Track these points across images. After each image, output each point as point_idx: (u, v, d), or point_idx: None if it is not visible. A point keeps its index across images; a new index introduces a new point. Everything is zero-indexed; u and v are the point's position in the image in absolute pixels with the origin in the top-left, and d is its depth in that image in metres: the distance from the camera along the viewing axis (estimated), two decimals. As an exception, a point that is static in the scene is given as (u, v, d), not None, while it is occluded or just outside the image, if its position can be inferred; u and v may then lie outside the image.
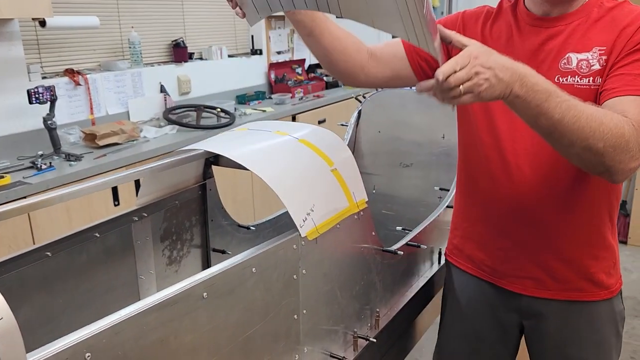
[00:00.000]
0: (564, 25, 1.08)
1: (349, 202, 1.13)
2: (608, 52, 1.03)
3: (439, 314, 1.93)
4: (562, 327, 1.23)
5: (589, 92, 1.04)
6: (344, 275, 1.14)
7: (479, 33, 1.18)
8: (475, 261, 1.31)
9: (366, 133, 2.19)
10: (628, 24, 1.03)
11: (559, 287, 1.20)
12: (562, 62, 1.07)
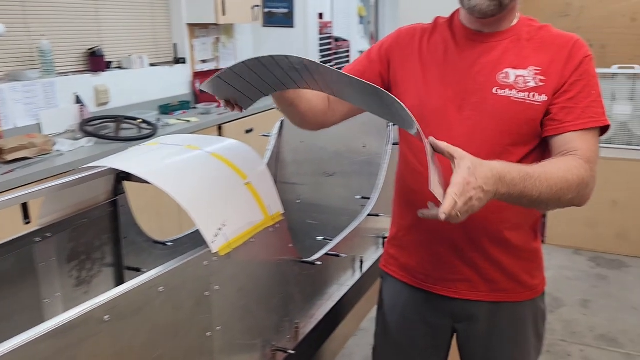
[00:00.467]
0: (497, 41, 1.16)
1: (264, 215, 1.13)
2: (543, 72, 1.13)
3: (362, 322, 1.96)
4: (490, 328, 1.28)
5: (524, 105, 1.12)
6: (260, 289, 1.13)
7: (416, 49, 1.23)
8: (409, 269, 1.33)
9: (289, 143, 2.20)
10: (562, 47, 1.14)
11: (489, 288, 1.24)
12: (500, 76, 1.14)
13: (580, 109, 1.11)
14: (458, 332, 1.32)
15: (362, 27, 6.50)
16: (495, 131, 1.13)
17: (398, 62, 1.26)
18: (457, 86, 1.17)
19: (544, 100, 1.12)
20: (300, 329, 1.28)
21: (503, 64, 1.15)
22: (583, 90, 1.12)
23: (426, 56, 1.22)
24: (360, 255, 1.69)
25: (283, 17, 4.68)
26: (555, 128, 1.11)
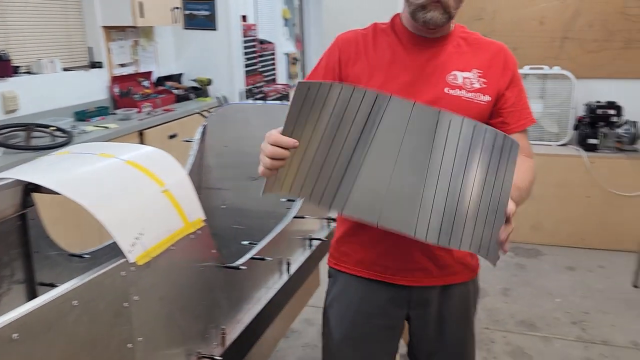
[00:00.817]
0: (441, 46, 1.30)
1: (184, 222, 1.11)
2: (484, 75, 1.29)
3: (292, 323, 1.97)
4: (441, 309, 1.38)
5: (473, 104, 1.28)
6: (183, 297, 1.11)
7: (362, 53, 1.31)
8: (365, 263, 1.37)
9: (213, 148, 2.17)
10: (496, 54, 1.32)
11: (442, 274, 1.35)
12: (449, 77, 1.28)
13: (518, 112, 1.33)
14: (411, 318, 1.40)
15: (287, 29, 6.52)
16: None
17: (349, 68, 1.31)
18: (410, 87, 1.27)
19: (488, 100, 1.29)
20: (227, 334, 1.27)
21: (450, 67, 1.29)
22: (519, 94, 1.33)
23: (374, 59, 1.30)
24: (287, 257, 1.70)
25: (205, 19, 4.61)
26: (504, 130, 1.27)
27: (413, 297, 1.37)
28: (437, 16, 1.21)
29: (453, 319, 1.40)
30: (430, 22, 1.21)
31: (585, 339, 2.75)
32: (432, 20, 1.21)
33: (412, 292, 1.36)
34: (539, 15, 4.03)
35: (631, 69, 3.94)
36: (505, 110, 1.31)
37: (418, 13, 1.22)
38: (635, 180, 3.62)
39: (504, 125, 1.32)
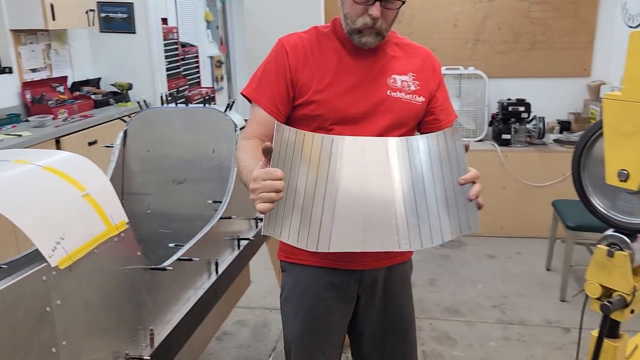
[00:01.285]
0: (381, 51, 1.40)
1: (107, 226, 1.10)
2: (418, 78, 1.43)
3: (222, 324, 1.98)
4: (387, 287, 1.51)
5: (411, 105, 1.41)
6: (109, 299, 1.10)
7: (309, 59, 1.38)
8: (319, 254, 1.39)
9: (135, 153, 2.14)
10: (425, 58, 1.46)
11: (388, 256, 1.47)
12: (390, 81, 1.39)
13: (447, 109, 1.49)
14: (360, 296, 1.50)
15: (210, 32, 6.45)
16: (389, 123, 1.38)
17: (298, 72, 1.37)
18: (357, 90, 1.37)
19: (422, 101, 1.43)
20: (156, 335, 1.27)
21: (390, 71, 1.40)
22: (444, 94, 1.49)
23: (321, 63, 1.38)
24: (215, 258, 1.71)
25: (122, 22, 4.48)
26: (437, 126, 1.45)
27: (364, 279, 1.48)
28: (372, 40, 1.33)
29: (396, 293, 1.53)
30: (365, 45, 1.34)
31: (504, 320, 2.93)
32: (367, 43, 1.34)
33: (362, 274, 1.47)
34: (452, 19, 4.24)
35: (537, 69, 4.23)
36: (437, 109, 1.46)
37: (354, 35, 1.34)
38: (545, 172, 3.89)
39: (437, 121, 1.47)
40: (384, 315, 1.54)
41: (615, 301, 0.91)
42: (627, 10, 3.78)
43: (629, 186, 0.89)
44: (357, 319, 1.55)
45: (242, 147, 1.34)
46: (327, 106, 1.36)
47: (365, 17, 1.30)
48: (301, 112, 1.39)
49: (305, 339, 1.49)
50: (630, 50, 0.85)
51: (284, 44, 1.40)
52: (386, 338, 1.56)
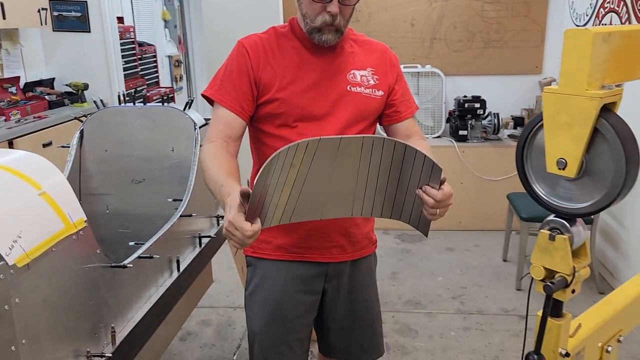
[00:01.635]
0: (339, 48, 1.44)
1: (65, 224, 1.10)
2: (376, 73, 1.47)
3: (185, 322, 1.98)
4: (352, 280, 1.56)
5: (371, 99, 1.45)
6: (69, 297, 1.10)
7: (269, 58, 1.40)
8: (286, 248, 1.48)
9: (92, 153, 2.11)
10: (383, 53, 1.50)
11: (353, 249, 1.52)
12: (349, 76, 1.43)
13: (407, 101, 1.53)
14: (326, 290, 1.54)
15: (167, 31, 6.37)
16: (350, 117, 1.42)
17: (260, 71, 1.39)
18: (318, 87, 1.39)
19: (382, 94, 1.46)
20: (117, 333, 1.27)
21: (349, 66, 1.44)
22: (405, 87, 1.54)
23: (281, 62, 1.40)
24: (177, 255, 1.71)
25: (76, 21, 4.39)
26: (398, 117, 1.51)
27: (329, 272, 1.51)
28: (331, 38, 1.37)
29: (362, 286, 1.58)
30: (325, 43, 1.37)
31: (463, 310, 3.02)
32: (327, 41, 1.37)
33: (328, 267, 1.51)
34: (409, 18, 4.32)
35: (491, 66, 4.36)
36: (397, 101, 1.51)
37: (314, 34, 1.37)
38: (500, 166, 4.01)
39: (398, 113, 1.52)
40: (350, 308, 1.58)
41: (557, 282, 0.97)
42: (574, 10, 3.94)
43: (566, 174, 0.95)
44: (323, 312, 1.58)
45: (207, 151, 1.33)
46: (290, 103, 1.39)
47: (324, 14, 1.33)
48: (265, 110, 1.41)
49: (271, 332, 1.52)
50: (565, 47, 0.90)
51: (244, 44, 1.42)
52: (353, 330, 1.60)
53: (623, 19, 3.14)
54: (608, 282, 3.29)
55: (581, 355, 1.12)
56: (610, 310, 1.21)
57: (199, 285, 1.96)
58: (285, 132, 1.41)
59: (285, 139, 1.40)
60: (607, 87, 0.92)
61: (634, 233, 3.07)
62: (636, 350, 2.56)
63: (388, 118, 1.53)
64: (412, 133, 1.54)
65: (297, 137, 1.38)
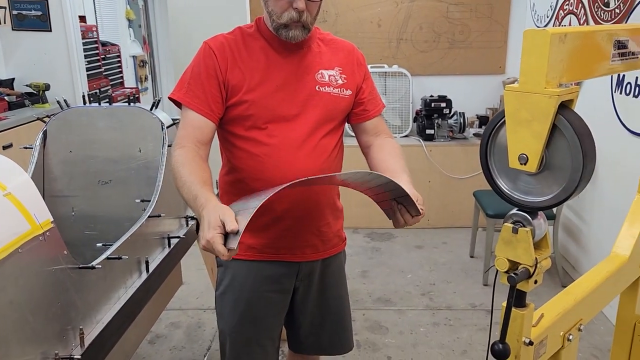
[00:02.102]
0: (307, 48, 1.44)
1: (31, 225, 1.08)
2: (344, 72, 1.47)
3: (155, 322, 1.96)
4: (324, 278, 1.57)
5: (339, 98, 1.46)
6: (36, 299, 1.09)
7: (237, 60, 1.39)
8: (257, 248, 1.48)
9: (56, 154, 2.07)
10: (350, 52, 1.51)
11: (325, 247, 1.54)
12: (317, 76, 1.43)
13: (374, 99, 1.55)
14: (297, 288, 1.55)
15: (132, 30, 6.26)
16: (319, 118, 1.43)
17: (228, 73, 1.38)
18: (287, 87, 1.39)
19: (350, 94, 1.48)
20: (86, 335, 1.25)
21: (317, 66, 1.44)
22: (372, 85, 1.55)
23: (249, 63, 1.39)
24: (146, 256, 1.70)
25: (37, 19, 4.28)
26: (366, 116, 1.53)
27: (301, 271, 1.52)
28: (298, 34, 1.36)
29: (333, 283, 1.60)
30: (292, 39, 1.37)
31: (432, 306, 3.08)
32: (294, 37, 1.36)
33: (300, 266, 1.52)
34: (376, 18, 4.37)
35: (456, 67, 4.44)
36: (365, 100, 1.53)
37: (281, 30, 1.36)
38: (466, 164, 4.09)
39: (366, 112, 1.53)
40: (321, 306, 1.60)
41: (520, 273, 1.00)
42: (535, 11, 4.05)
43: (528, 169, 0.98)
44: (294, 310, 1.59)
45: (179, 158, 1.30)
46: (259, 105, 1.38)
47: (291, 11, 1.33)
48: (234, 112, 1.40)
49: (243, 331, 1.52)
50: (524, 47, 0.94)
51: (210, 46, 1.40)
52: (324, 327, 1.62)
53: (581, 20, 3.25)
54: (570, 275, 3.39)
55: (544, 343, 1.16)
56: (571, 300, 1.25)
57: (169, 287, 1.94)
58: (255, 133, 1.41)
59: (255, 141, 1.40)
60: (564, 86, 0.96)
61: (594, 227, 3.18)
62: (597, 340, 2.65)
63: (356, 117, 1.54)
64: (380, 132, 1.56)
65: (267, 139, 1.39)
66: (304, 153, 1.41)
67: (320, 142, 1.44)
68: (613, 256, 1.45)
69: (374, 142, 1.54)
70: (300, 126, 1.41)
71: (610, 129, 2.86)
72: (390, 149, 1.50)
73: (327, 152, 1.46)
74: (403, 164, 1.45)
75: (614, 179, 2.81)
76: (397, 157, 1.47)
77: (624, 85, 2.78)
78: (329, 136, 1.46)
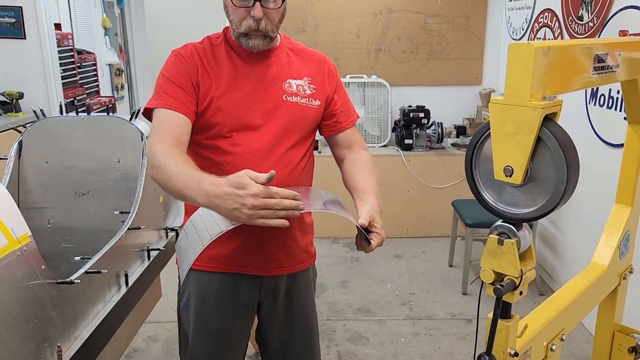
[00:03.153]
0: (274, 57, 1.42)
1: (8, 239, 1.05)
2: (313, 82, 1.45)
3: (134, 336, 1.91)
4: (289, 294, 1.52)
5: (307, 109, 1.43)
6: (12, 316, 1.05)
7: (205, 67, 1.36)
8: (219, 259, 1.43)
9: (32, 165, 2.02)
10: (320, 62, 1.49)
11: (290, 263, 1.48)
12: (285, 85, 1.41)
13: (347, 111, 1.52)
14: (262, 303, 1.50)
15: (108, 38, 6.19)
16: (285, 128, 1.40)
17: (199, 79, 1.35)
18: (253, 96, 1.36)
19: (318, 104, 1.45)
20: (64, 352, 1.21)
21: (285, 76, 1.42)
22: (344, 96, 1.53)
23: (217, 72, 1.37)
24: (125, 269, 1.66)
25: (11, 27, 4.20)
26: (339, 128, 1.50)
27: (264, 285, 1.48)
28: (259, 43, 1.34)
29: (300, 300, 1.55)
30: (253, 48, 1.35)
31: (412, 316, 3.08)
32: (254, 46, 1.34)
33: (262, 281, 1.47)
34: (355, 29, 4.40)
35: (434, 77, 4.49)
36: (337, 111, 1.50)
37: (241, 39, 1.35)
38: (444, 174, 4.12)
39: (338, 124, 1.51)
40: (288, 324, 1.55)
41: (506, 284, 1.01)
42: (511, 24, 4.13)
43: (513, 181, 0.99)
44: (262, 326, 1.56)
45: (163, 151, 1.23)
46: (225, 113, 1.36)
47: (249, 19, 1.31)
48: (200, 120, 1.37)
49: (205, 345, 1.48)
50: (509, 60, 0.95)
51: (180, 52, 1.39)
52: (292, 347, 1.58)
53: (556, 33, 3.32)
54: (547, 284, 3.43)
55: (528, 354, 1.17)
56: (554, 311, 1.26)
57: (148, 300, 1.90)
58: (219, 142, 1.38)
59: (219, 150, 1.37)
60: (548, 98, 0.97)
61: (570, 236, 3.23)
62: (575, 348, 2.68)
63: (329, 129, 1.52)
64: (353, 143, 1.54)
65: (230, 147, 1.36)
66: (268, 163, 1.37)
67: (286, 154, 1.40)
68: (592, 266, 1.47)
69: (346, 156, 1.52)
70: (265, 136, 1.38)
71: (585, 140, 2.92)
72: (362, 164, 1.47)
73: (293, 164, 1.43)
74: (373, 181, 1.42)
75: (590, 189, 2.86)
76: (368, 174, 1.43)
77: (597, 96, 2.84)
78: (295, 148, 1.43)
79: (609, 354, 1.62)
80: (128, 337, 1.70)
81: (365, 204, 1.29)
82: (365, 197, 1.33)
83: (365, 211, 1.27)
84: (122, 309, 1.56)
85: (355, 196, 1.37)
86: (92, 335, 1.36)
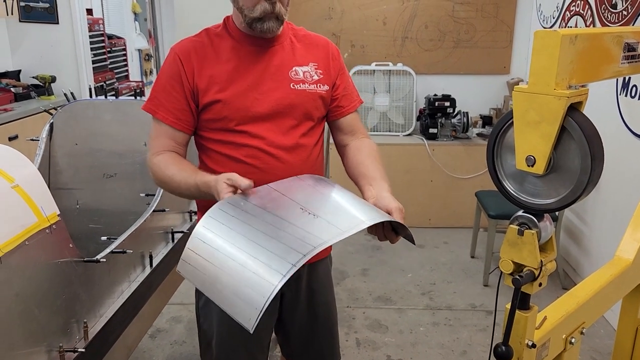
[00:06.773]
0: (278, 44, 1.38)
1: (38, 217, 1.09)
2: (321, 67, 1.42)
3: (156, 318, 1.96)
4: (311, 283, 1.52)
5: (316, 95, 1.40)
6: (41, 292, 1.09)
7: (205, 62, 1.34)
8: None
9: (62, 147, 2.08)
10: (324, 46, 1.45)
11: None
12: (291, 73, 1.37)
13: (349, 95, 1.48)
14: (285, 295, 1.51)
15: (137, 24, 6.27)
16: (295, 116, 1.37)
17: (196, 78, 1.33)
18: (259, 86, 1.34)
19: (327, 89, 1.42)
20: (90, 328, 1.25)
21: (290, 63, 1.38)
22: (347, 80, 1.49)
23: (218, 64, 1.34)
24: (150, 250, 1.70)
25: (44, 12, 4.28)
26: (340, 112, 1.47)
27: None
28: (273, 25, 1.32)
29: (319, 289, 1.56)
30: (267, 32, 1.32)
31: (432, 306, 3.07)
32: (269, 29, 1.31)
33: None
34: (381, 16, 4.36)
35: (461, 66, 4.43)
36: (339, 95, 1.47)
37: (255, 24, 1.31)
38: (469, 164, 4.08)
39: (340, 108, 1.47)
40: (310, 312, 1.56)
41: (525, 275, 1.01)
42: (542, 12, 4.04)
43: (535, 171, 0.98)
44: (283, 316, 1.56)
45: (161, 162, 1.29)
46: (231, 106, 1.33)
47: (263, 3, 1.28)
48: (206, 115, 1.35)
49: (230, 339, 1.48)
50: (534, 47, 0.93)
51: (176, 52, 1.36)
52: (313, 335, 1.58)
53: (588, 22, 3.24)
54: (571, 278, 3.39)
55: (546, 346, 1.16)
56: (574, 304, 1.25)
57: (171, 281, 1.94)
58: (229, 136, 1.36)
59: (230, 143, 1.36)
60: (573, 87, 0.95)
61: (596, 230, 3.17)
62: (598, 344, 2.65)
63: (330, 113, 1.48)
64: (356, 131, 1.50)
65: (242, 140, 1.35)
66: (283, 153, 1.36)
67: (299, 142, 1.39)
68: (617, 260, 1.45)
69: (349, 142, 1.49)
70: (277, 126, 1.36)
71: (614, 131, 2.86)
72: (368, 151, 1.44)
73: (307, 152, 1.42)
74: (382, 168, 1.39)
75: (617, 182, 2.81)
76: (375, 162, 1.40)
77: (629, 88, 2.77)
78: (307, 135, 1.41)
79: (631, 350, 1.60)
80: (152, 317, 1.74)
81: (383, 193, 1.24)
82: (376, 184, 1.29)
83: (389, 203, 1.23)
84: (146, 289, 1.60)
85: (364, 182, 1.33)
86: (116, 314, 1.40)
